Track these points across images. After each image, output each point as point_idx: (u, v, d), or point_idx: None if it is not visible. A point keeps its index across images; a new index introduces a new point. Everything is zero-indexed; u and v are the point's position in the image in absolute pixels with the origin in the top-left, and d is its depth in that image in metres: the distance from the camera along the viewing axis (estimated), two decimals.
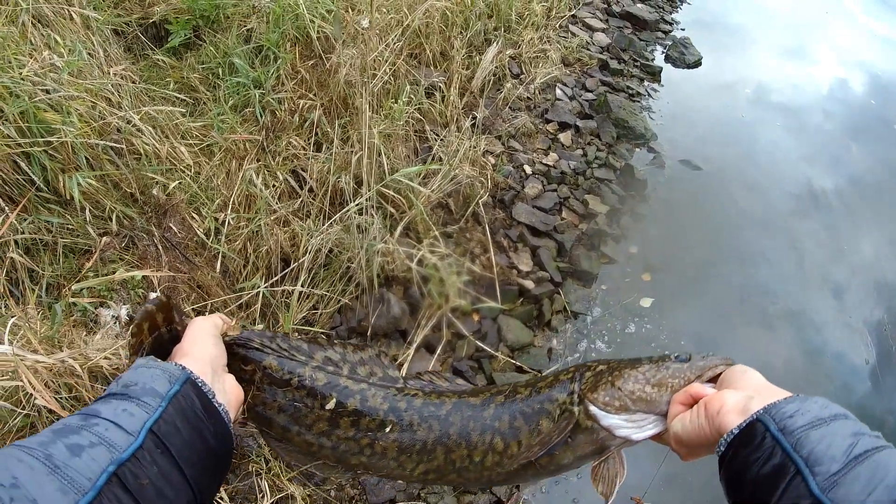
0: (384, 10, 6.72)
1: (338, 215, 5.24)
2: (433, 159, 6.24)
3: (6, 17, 4.57)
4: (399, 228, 5.51)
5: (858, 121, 10.12)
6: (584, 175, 7.63)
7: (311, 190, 5.52)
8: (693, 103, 9.68)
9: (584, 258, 6.58)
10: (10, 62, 4.11)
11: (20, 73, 4.05)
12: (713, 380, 1.74)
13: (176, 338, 1.80)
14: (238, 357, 1.94)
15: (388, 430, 1.94)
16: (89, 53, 4.86)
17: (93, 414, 1.33)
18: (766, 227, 7.73)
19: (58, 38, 4.67)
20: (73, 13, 5.00)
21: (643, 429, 1.79)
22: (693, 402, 1.68)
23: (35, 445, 1.21)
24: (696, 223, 7.59)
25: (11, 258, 3.78)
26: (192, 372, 1.54)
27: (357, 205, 5.24)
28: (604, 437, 1.83)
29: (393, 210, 5.62)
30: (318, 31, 5.95)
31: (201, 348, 1.70)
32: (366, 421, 1.96)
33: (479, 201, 6.35)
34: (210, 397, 1.53)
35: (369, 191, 5.30)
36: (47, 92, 4.15)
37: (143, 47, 6.03)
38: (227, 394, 1.66)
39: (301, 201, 5.41)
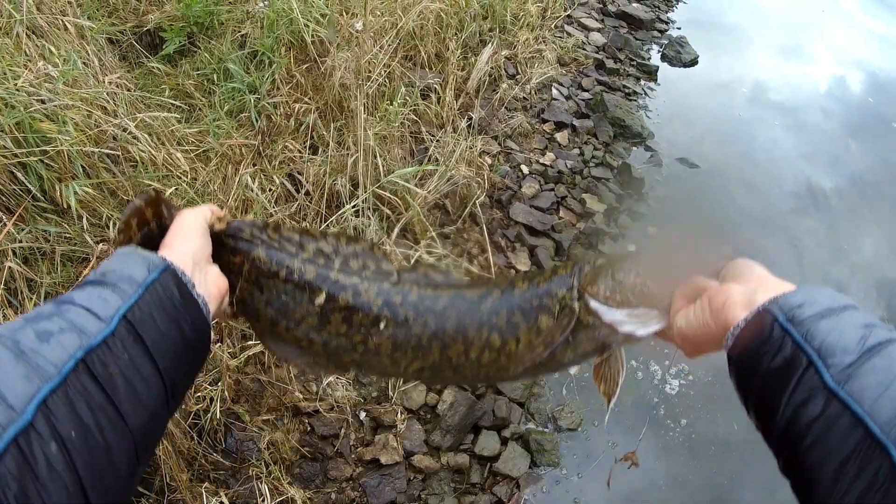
0: (378, 12, 6.74)
1: (334, 217, 5.26)
2: (429, 160, 6.26)
3: (0, 29, 4.59)
4: (396, 230, 5.54)
5: (857, 119, 10.11)
6: (582, 174, 7.64)
7: (307, 193, 5.54)
8: (690, 102, 9.67)
9: (582, 257, 6.59)
10: (4, 74, 4.13)
11: (15, 85, 4.08)
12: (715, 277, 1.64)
13: (166, 233, 1.70)
14: (227, 248, 1.85)
15: (382, 326, 1.85)
16: (84, 63, 4.88)
17: (67, 301, 1.27)
18: (765, 225, 7.73)
19: (52, 49, 4.69)
20: (67, 23, 5.03)
21: (647, 325, 1.69)
22: (696, 296, 1.59)
23: (5, 332, 1.15)
24: (694, 221, 7.59)
25: (9, 267, 3.78)
26: (172, 262, 1.46)
27: (353, 207, 5.26)
28: (606, 334, 1.77)
29: (389, 212, 5.64)
30: (312, 35, 5.98)
31: (184, 240, 1.62)
32: (359, 317, 1.85)
33: (476, 202, 6.36)
34: (189, 287, 1.46)
35: (365, 193, 5.32)
36: (42, 102, 4.17)
37: (137, 55, 6.06)
38: (209, 285, 1.61)
39: (297, 204, 5.43)
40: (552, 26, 9.62)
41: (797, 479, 1.21)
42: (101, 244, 4.19)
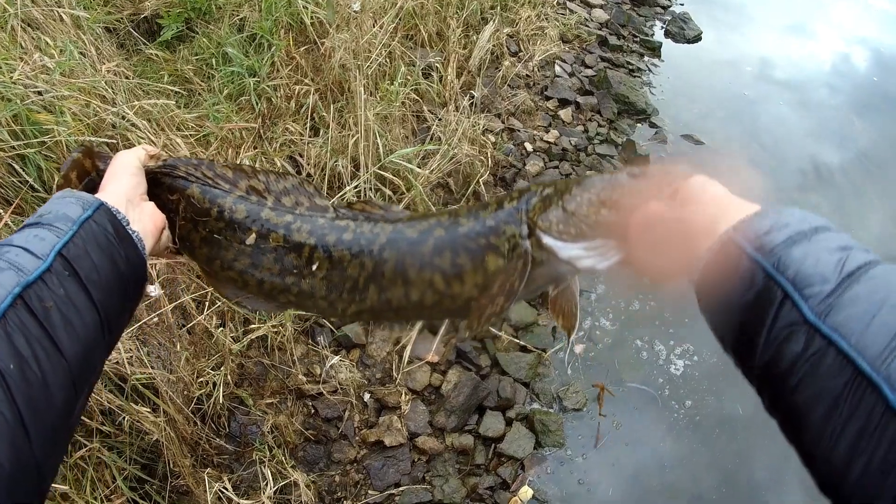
0: None
1: (335, 198, 5.25)
2: (431, 139, 6.25)
3: None
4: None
5: (862, 96, 10.04)
6: (586, 151, 7.63)
7: (308, 175, 5.53)
8: (694, 78, 9.62)
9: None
10: (0, 67, 4.12)
11: (11, 78, 4.07)
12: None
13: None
14: (164, 186, 1.87)
15: (314, 267, 1.80)
16: (81, 53, 4.86)
17: (6, 243, 1.33)
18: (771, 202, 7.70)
19: (48, 41, 4.68)
20: (62, 14, 5.00)
21: (605, 256, 1.55)
22: (654, 222, 1.45)
23: None
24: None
25: None
26: (105, 201, 1.53)
27: (355, 187, 5.25)
28: (564, 270, 1.66)
29: (391, 192, 5.63)
30: (311, 17, 5.95)
31: (118, 181, 1.68)
32: (290, 257, 1.82)
33: (480, 180, 6.35)
34: (123, 223, 1.53)
35: (367, 173, 5.31)
36: (39, 94, 4.16)
37: (135, 43, 6.04)
38: (144, 221, 1.65)
39: None
40: (554, 3, 9.57)
41: (784, 419, 1.15)
42: None
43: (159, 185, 1.85)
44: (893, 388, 0.95)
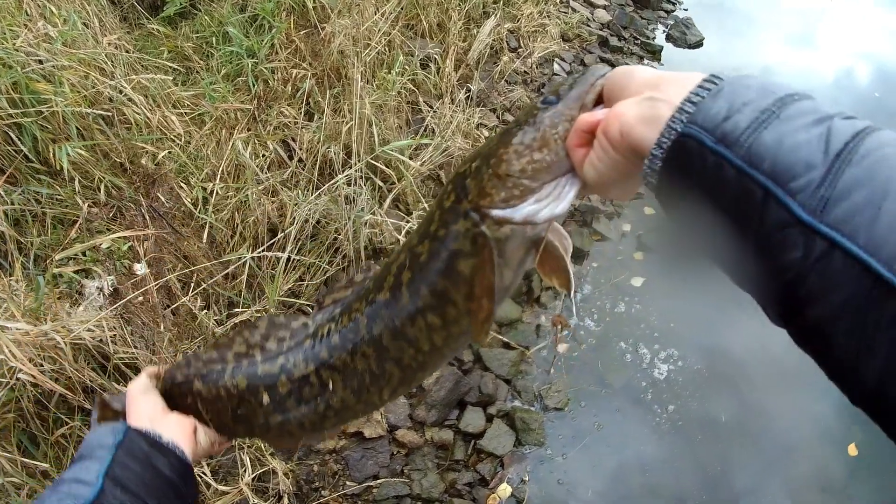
0: None
1: (326, 186, 5.23)
2: (426, 131, 6.23)
3: None
4: (388, 200, 5.52)
5: (863, 111, 10.02)
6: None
7: (300, 160, 5.52)
8: None
9: (575, 235, 6.58)
10: (4, 33, 4.10)
11: (13, 44, 4.04)
12: (600, 104, 1.35)
13: None
14: (176, 395, 1.98)
15: (331, 386, 1.82)
16: (84, 23, 4.85)
17: (59, 481, 1.50)
18: None
19: (53, 9, 4.66)
20: None
21: (560, 197, 1.43)
22: (591, 136, 1.26)
23: None
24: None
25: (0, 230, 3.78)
26: (130, 424, 1.73)
27: (346, 175, 5.24)
28: (529, 231, 1.50)
29: (381, 182, 5.62)
30: (313, 0, 5.92)
31: (137, 407, 1.84)
32: (306, 391, 1.86)
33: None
34: (156, 438, 1.69)
35: (359, 162, 5.29)
36: (40, 62, 4.14)
37: (138, 16, 6.02)
38: (174, 431, 1.78)
39: (290, 171, 5.40)
40: (557, 1, 9.56)
41: (802, 334, 0.99)
42: (87, 205, 4.16)
43: (173, 396, 1.97)
44: None
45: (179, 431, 1.79)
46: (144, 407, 1.84)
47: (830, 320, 0.89)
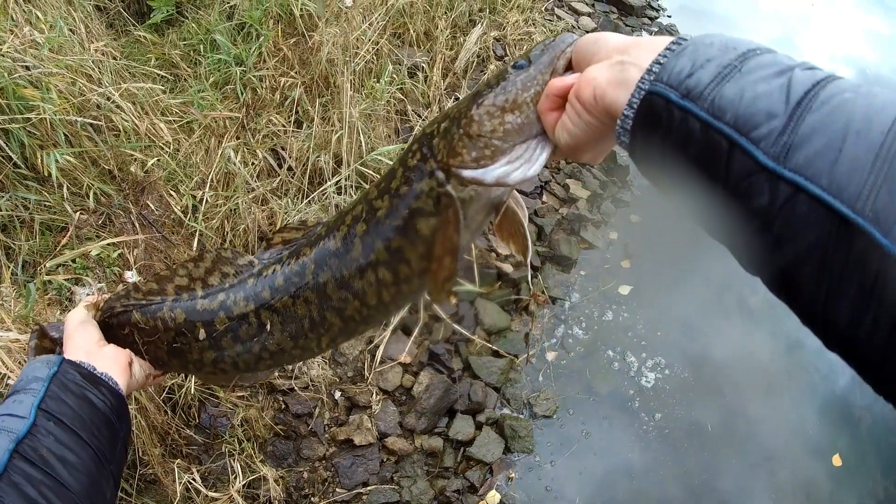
0: None
1: (315, 193, 5.23)
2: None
3: None
4: None
5: None
6: (566, 159, 7.62)
7: (290, 168, 5.52)
8: None
9: (563, 243, 6.59)
10: None
11: (0, 50, 4.03)
12: (570, 69, 1.38)
13: None
14: (114, 326, 1.97)
15: (268, 326, 1.80)
16: (70, 30, 4.84)
17: None
18: None
19: (39, 14, 4.64)
20: None
21: (532, 160, 1.44)
22: (563, 101, 1.31)
23: None
24: (677, 211, 7.61)
25: None
26: (65, 357, 1.74)
27: (336, 183, 5.23)
28: (493, 194, 1.53)
29: None
30: (301, 9, 5.92)
31: (72, 340, 1.85)
32: (243, 330, 1.84)
33: None
34: (90, 369, 1.72)
35: (349, 169, 5.29)
36: (27, 68, 4.12)
37: (125, 23, 6.00)
38: (108, 364, 1.79)
39: (280, 180, 5.40)
40: (542, 9, 9.57)
41: (772, 278, 1.02)
42: (78, 213, 4.16)
43: (110, 327, 1.97)
44: (885, 230, 0.84)
45: (114, 364, 1.80)
46: (80, 339, 1.85)
47: (798, 264, 0.93)
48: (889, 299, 0.84)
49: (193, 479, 3.99)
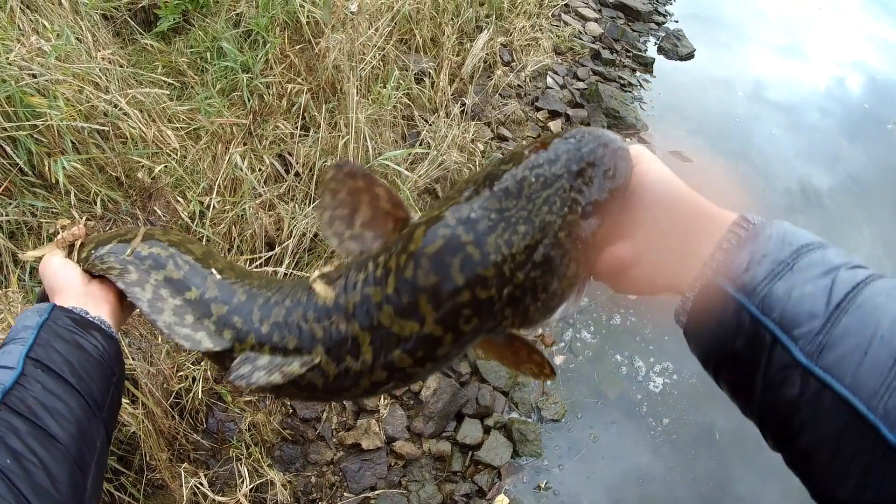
0: None
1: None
2: (421, 144, 6.24)
3: None
4: None
5: (852, 120, 10.11)
6: None
7: (297, 174, 5.52)
8: (686, 95, 9.65)
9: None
10: None
11: (7, 59, 4.05)
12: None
13: None
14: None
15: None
16: (77, 38, 4.86)
17: None
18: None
19: (46, 23, 4.67)
20: None
21: (582, 290, 1.38)
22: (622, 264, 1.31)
23: None
24: None
25: None
26: (56, 304, 1.63)
27: None
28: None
29: None
30: (307, 16, 5.94)
31: (58, 290, 1.73)
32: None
33: None
34: (82, 314, 1.62)
35: None
36: (34, 76, 4.15)
37: (131, 32, 6.01)
38: (100, 303, 1.71)
39: (287, 185, 5.41)
40: (549, 15, 9.59)
41: (790, 458, 1.09)
42: (87, 219, 4.17)
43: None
44: (892, 426, 0.93)
45: (105, 303, 1.72)
46: (64, 282, 1.74)
47: (816, 448, 1.01)
48: (889, 483, 0.94)
49: (200, 484, 4.00)
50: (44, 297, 1.85)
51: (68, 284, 1.73)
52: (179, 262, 1.70)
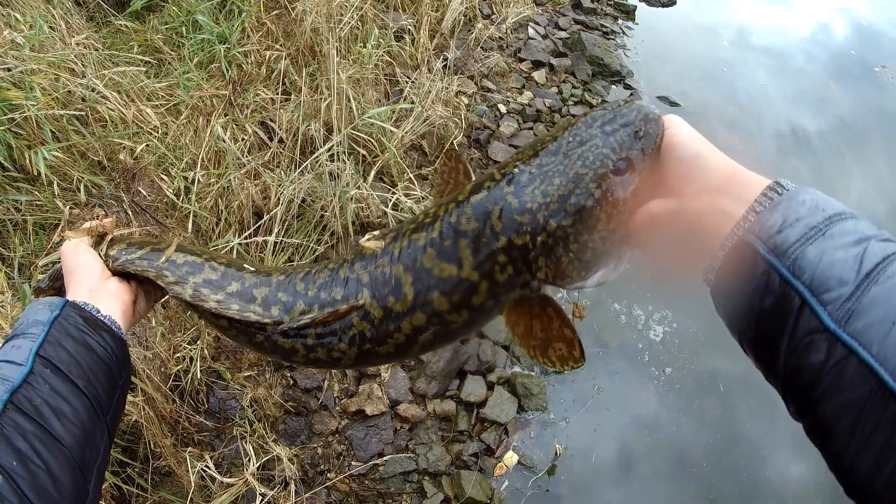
0: None
1: (308, 162, 5.20)
2: (404, 101, 6.20)
3: None
4: (372, 173, 5.49)
5: (839, 64, 10.12)
6: (560, 112, 7.62)
7: (280, 140, 5.49)
8: (669, 42, 9.66)
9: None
10: None
11: None
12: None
13: None
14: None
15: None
16: (50, 27, 4.82)
17: None
18: (748, 166, 7.73)
19: (18, 17, 4.61)
20: None
21: (622, 257, 1.46)
22: (659, 220, 1.33)
23: None
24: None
25: None
26: (69, 299, 1.63)
27: (328, 150, 5.20)
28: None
29: (366, 153, 5.59)
30: None
31: (74, 278, 1.75)
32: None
33: (454, 141, 6.32)
34: (93, 313, 1.62)
35: (340, 136, 5.26)
36: (8, 70, 4.10)
37: (105, 15, 5.95)
38: (112, 302, 1.70)
39: (271, 152, 5.37)
40: None
41: (810, 426, 1.08)
42: (71, 208, 4.14)
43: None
44: None
45: (118, 301, 1.73)
46: (81, 276, 1.75)
47: (837, 417, 1.01)
48: None
49: (207, 467, 3.99)
50: (54, 276, 1.89)
51: (88, 271, 1.75)
52: (215, 265, 1.75)
